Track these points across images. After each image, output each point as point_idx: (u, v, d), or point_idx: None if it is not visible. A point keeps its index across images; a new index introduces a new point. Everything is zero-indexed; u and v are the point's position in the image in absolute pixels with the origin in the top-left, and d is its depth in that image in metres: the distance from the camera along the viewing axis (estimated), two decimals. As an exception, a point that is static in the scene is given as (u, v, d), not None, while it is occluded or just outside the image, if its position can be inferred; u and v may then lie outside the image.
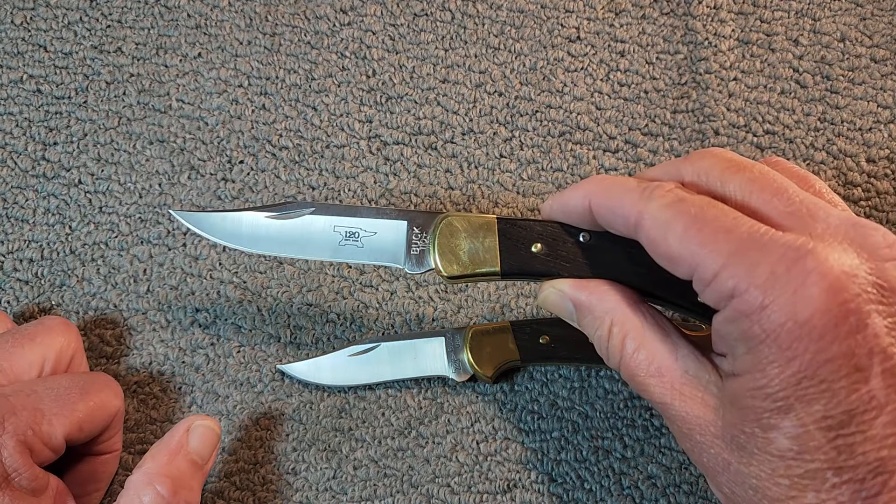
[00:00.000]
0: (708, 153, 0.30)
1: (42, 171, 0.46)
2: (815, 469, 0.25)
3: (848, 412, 0.24)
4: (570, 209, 0.32)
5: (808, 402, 0.25)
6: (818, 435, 0.25)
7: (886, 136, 0.45)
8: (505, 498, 0.39)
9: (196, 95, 0.47)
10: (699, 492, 0.39)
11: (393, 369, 0.40)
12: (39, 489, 0.32)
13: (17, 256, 0.44)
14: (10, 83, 0.48)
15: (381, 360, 0.40)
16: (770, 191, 0.28)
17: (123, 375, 0.42)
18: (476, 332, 0.40)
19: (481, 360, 0.40)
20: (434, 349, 0.40)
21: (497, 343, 0.40)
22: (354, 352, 0.41)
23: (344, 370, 0.41)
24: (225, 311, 0.43)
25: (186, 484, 0.33)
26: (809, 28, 0.48)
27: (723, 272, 0.26)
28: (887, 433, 0.24)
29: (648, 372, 0.30)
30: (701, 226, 0.27)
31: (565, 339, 0.40)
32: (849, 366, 0.24)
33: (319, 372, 0.41)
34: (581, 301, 0.32)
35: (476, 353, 0.40)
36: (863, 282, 0.25)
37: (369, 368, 0.40)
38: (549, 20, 0.49)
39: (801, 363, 0.25)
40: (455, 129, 0.46)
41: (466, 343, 0.40)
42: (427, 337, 0.41)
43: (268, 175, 0.45)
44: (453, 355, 0.40)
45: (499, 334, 0.40)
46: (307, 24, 0.49)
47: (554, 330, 0.40)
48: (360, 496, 0.39)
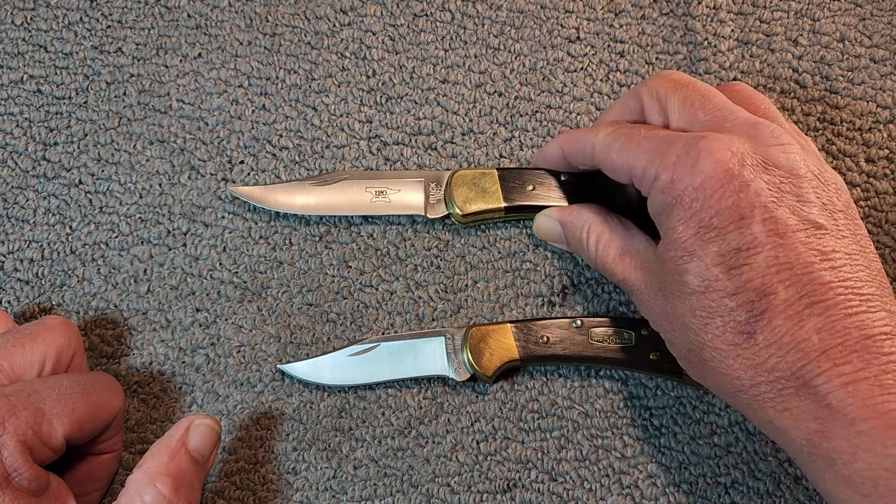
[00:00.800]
0: (659, 75, 0.38)
1: (42, 172, 0.46)
2: (717, 298, 0.32)
3: (736, 249, 0.32)
4: (549, 157, 0.42)
5: (706, 245, 0.32)
6: (716, 270, 0.32)
7: (886, 136, 0.45)
8: (505, 497, 0.39)
9: (196, 96, 0.47)
10: (699, 491, 0.39)
11: (393, 369, 0.40)
12: (40, 489, 0.32)
13: (18, 256, 0.44)
14: (11, 83, 0.48)
15: (381, 359, 0.41)
16: (697, 105, 0.35)
17: (124, 375, 0.42)
18: (476, 332, 0.40)
19: (481, 360, 0.40)
20: (434, 349, 0.40)
21: (497, 343, 0.40)
22: (354, 352, 0.41)
23: (344, 370, 0.41)
24: (225, 311, 0.43)
25: (187, 482, 0.33)
26: (809, 28, 0.48)
27: (648, 167, 0.34)
28: (769, 265, 0.31)
29: (614, 258, 0.38)
30: (630, 139, 0.36)
31: (565, 339, 0.40)
32: (734, 215, 0.32)
33: (319, 372, 0.41)
34: (565, 220, 0.41)
35: (476, 353, 0.40)
36: (748, 158, 0.32)
37: (369, 368, 0.40)
38: (549, 20, 0.49)
39: (699, 217, 0.32)
40: (455, 129, 0.46)
41: (466, 343, 0.40)
42: (427, 337, 0.41)
43: (268, 175, 0.46)
44: (453, 355, 0.40)
45: (499, 334, 0.40)
46: (307, 24, 0.49)
47: (554, 330, 0.40)
48: (361, 496, 0.39)
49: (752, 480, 0.39)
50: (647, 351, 0.40)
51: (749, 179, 0.32)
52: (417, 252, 0.44)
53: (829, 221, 0.32)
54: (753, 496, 0.39)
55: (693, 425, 0.40)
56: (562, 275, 0.43)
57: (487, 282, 0.43)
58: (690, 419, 0.40)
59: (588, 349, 0.40)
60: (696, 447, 0.40)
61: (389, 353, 0.41)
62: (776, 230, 0.31)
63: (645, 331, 0.40)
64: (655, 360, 0.39)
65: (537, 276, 0.43)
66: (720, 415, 0.40)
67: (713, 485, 0.39)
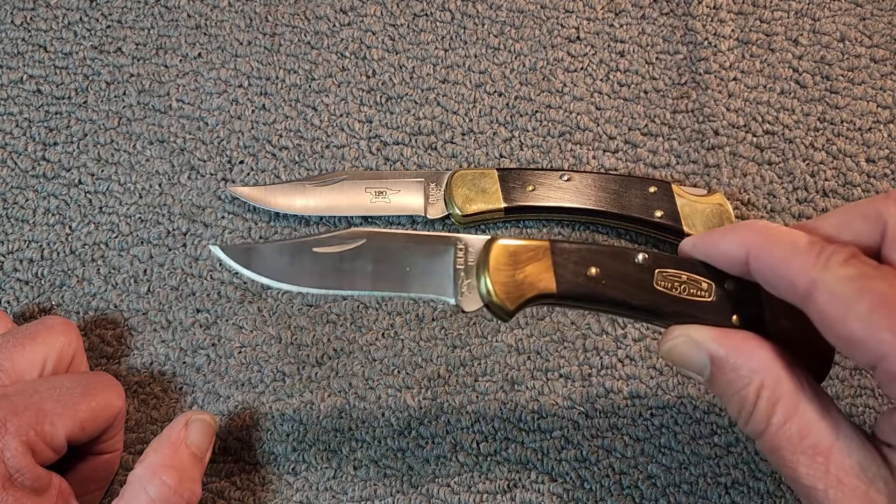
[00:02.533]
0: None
1: (42, 172, 0.46)
2: None
3: None
4: (720, 254, 0.29)
5: None
6: None
7: (886, 135, 0.45)
8: (505, 498, 0.39)
9: (196, 95, 0.47)
10: (699, 492, 0.39)
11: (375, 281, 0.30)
12: (42, 488, 0.32)
13: (18, 256, 0.44)
14: (11, 83, 0.48)
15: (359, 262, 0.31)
16: None
17: (124, 375, 0.42)
18: (500, 249, 0.30)
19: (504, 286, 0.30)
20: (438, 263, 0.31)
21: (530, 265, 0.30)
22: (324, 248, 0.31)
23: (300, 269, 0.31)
24: (226, 312, 0.43)
25: (189, 475, 0.34)
26: (809, 28, 0.48)
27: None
28: None
29: (800, 448, 0.26)
30: (892, 309, 0.23)
31: (621, 275, 0.30)
32: None
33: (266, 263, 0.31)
34: (720, 355, 0.28)
35: (497, 276, 0.30)
36: None
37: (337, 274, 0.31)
38: (549, 20, 0.49)
39: None
40: (455, 129, 0.46)
41: (486, 263, 0.30)
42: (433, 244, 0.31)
43: (268, 175, 0.46)
44: (464, 275, 0.30)
45: (531, 256, 0.30)
46: (307, 24, 0.49)
47: (605, 262, 0.30)
48: (361, 496, 0.39)
49: (752, 480, 0.39)
50: (729, 311, 0.30)
51: None
52: (417, 252, 0.44)
53: None
54: (754, 496, 0.39)
55: (693, 425, 0.40)
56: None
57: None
58: (691, 419, 0.40)
59: (647, 293, 0.30)
60: (696, 447, 0.40)
61: (376, 255, 0.31)
62: None
63: (729, 284, 0.30)
64: (734, 326, 0.30)
65: (537, 276, 0.43)
66: (720, 415, 0.41)
67: (713, 485, 0.39)
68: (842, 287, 0.24)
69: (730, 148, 0.45)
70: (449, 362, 0.42)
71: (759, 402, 0.27)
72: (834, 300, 0.24)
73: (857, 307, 0.24)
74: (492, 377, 0.41)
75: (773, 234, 0.27)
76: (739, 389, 0.27)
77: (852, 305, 0.24)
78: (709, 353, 0.28)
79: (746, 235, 0.28)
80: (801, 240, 0.26)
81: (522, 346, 0.42)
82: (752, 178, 0.45)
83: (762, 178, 0.45)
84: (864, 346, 0.24)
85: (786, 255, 0.26)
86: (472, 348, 0.42)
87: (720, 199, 0.42)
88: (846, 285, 0.24)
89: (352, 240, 0.31)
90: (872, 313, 0.24)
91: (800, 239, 0.26)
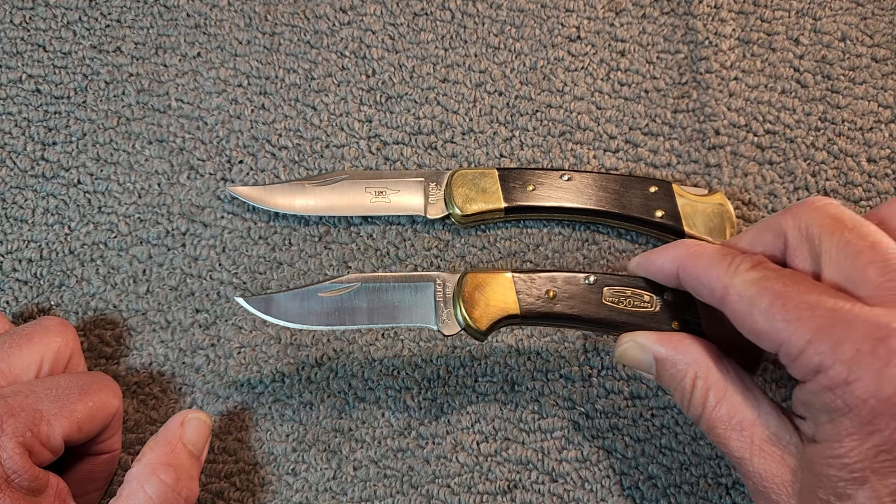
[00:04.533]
0: (811, 206, 0.30)
1: (41, 171, 0.46)
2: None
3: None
4: (657, 270, 0.34)
5: (883, 475, 0.26)
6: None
7: (887, 135, 0.45)
8: (505, 498, 0.39)
9: (195, 95, 0.47)
10: (699, 492, 0.39)
11: (371, 316, 0.36)
12: (39, 489, 0.32)
13: (16, 256, 0.44)
14: (9, 83, 0.48)
15: (356, 303, 0.36)
16: (866, 257, 0.28)
17: (123, 376, 0.42)
18: (472, 278, 0.36)
19: (475, 311, 0.35)
20: (421, 296, 0.36)
21: (495, 293, 0.35)
22: (327, 290, 0.37)
23: (309, 312, 0.37)
24: (225, 312, 0.43)
25: (187, 473, 0.34)
26: (810, 27, 0.48)
27: (808, 348, 0.27)
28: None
29: (729, 426, 0.31)
30: (785, 302, 0.28)
31: (573, 295, 0.36)
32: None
33: (281, 310, 0.37)
34: (662, 354, 0.33)
35: (470, 304, 0.35)
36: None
37: (341, 313, 0.36)
38: (550, 19, 0.49)
39: (881, 438, 0.25)
40: (455, 128, 0.46)
41: (460, 291, 0.36)
42: (414, 282, 0.37)
43: (267, 175, 0.45)
44: (442, 305, 0.36)
45: (498, 283, 0.36)
46: (307, 23, 0.49)
47: (561, 284, 0.36)
48: (360, 497, 0.39)
49: (753, 481, 0.39)
50: (670, 319, 0.35)
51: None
52: (417, 252, 0.44)
53: None
54: (754, 497, 0.39)
55: (694, 426, 0.40)
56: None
57: (488, 282, 0.43)
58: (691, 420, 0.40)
59: (599, 310, 0.35)
60: (697, 448, 0.40)
61: (369, 295, 0.36)
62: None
63: (669, 295, 0.35)
64: (675, 330, 0.35)
65: (538, 276, 0.43)
66: (721, 415, 0.40)
67: (714, 486, 0.39)
68: (747, 289, 0.29)
69: (731, 147, 0.45)
70: (449, 363, 0.41)
71: (695, 390, 0.32)
72: (742, 300, 0.30)
73: (759, 304, 0.29)
74: (492, 378, 0.41)
75: (696, 250, 0.33)
76: (679, 381, 0.32)
77: (755, 303, 0.29)
78: (653, 354, 0.33)
79: (676, 252, 0.33)
80: (718, 253, 0.32)
81: (522, 347, 0.42)
82: (753, 178, 0.45)
83: (763, 178, 0.45)
84: (767, 336, 0.29)
85: (706, 266, 0.32)
86: (471, 349, 0.42)
87: (721, 199, 0.42)
88: (750, 287, 0.29)
89: (348, 284, 0.36)
90: (770, 307, 0.28)
91: (717, 252, 0.32)
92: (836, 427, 0.27)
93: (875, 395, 0.26)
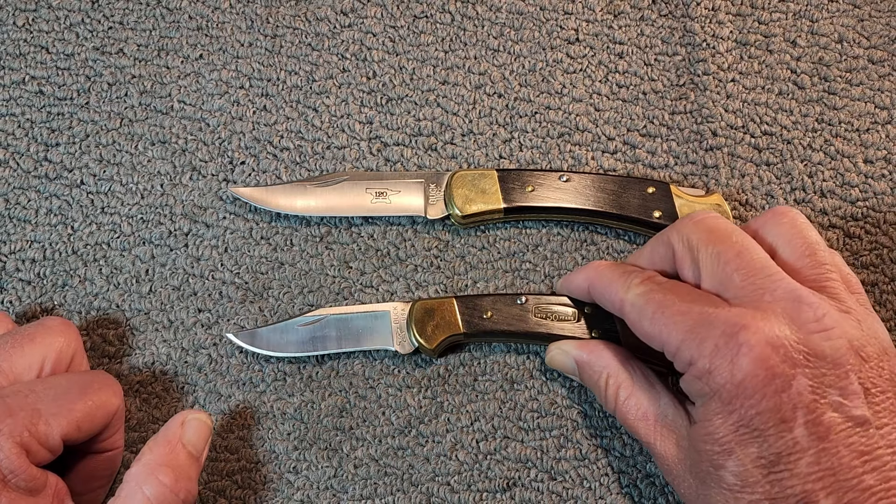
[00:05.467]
0: (691, 220, 0.35)
1: (44, 172, 0.46)
2: (755, 500, 0.31)
3: (777, 454, 0.30)
4: (574, 289, 0.40)
5: (745, 446, 0.31)
6: (755, 472, 0.31)
7: (884, 136, 0.46)
8: (505, 496, 0.40)
9: (198, 97, 0.48)
10: (697, 490, 0.39)
11: (340, 342, 0.41)
12: (37, 489, 0.32)
13: (20, 257, 0.44)
14: (13, 84, 0.48)
15: (328, 331, 0.41)
16: (732, 265, 0.33)
17: (126, 375, 0.42)
18: (420, 306, 0.41)
19: (425, 333, 0.40)
20: (380, 323, 0.41)
21: (441, 317, 0.40)
22: (304, 322, 0.42)
23: (294, 341, 0.41)
24: (227, 312, 0.43)
25: (185, 474, 0.33)
26: (807, 29, 0.48)
27: (682, 346, 0.32)
28: (810, 471, 0.30)
29: (636, 416, 0.36)
30: (665, 309, 0.33)
31: (507, 315, 0.40)
32: (776, 418, 0.30)
33: (270, 343, 0.41)
34: (581, 358, 0.38)
35: (420, 327, 0.40)
36: (790, 350, 0.30)
37: (315, 340, 0.41)
38: (548, 22, 0.49)
39: (739, 415, 0.31)
40: (455, 130, 0.46)
41: (412, 317, 0.41)
42: (373, 311, 0.42)
43: (269, 176, 0.46)
44: (398, 329, 0.41)
45: (443, 309, 0.41)
46: (308, 25, 0.49)
47: (497, 306, 0.41)
48: (361, 494, 0.40)
49: (750, 479, 0.40)
50: (590, 329, 0.40)
51: (790, 377, 0.30)
52: (417, 253, 0.44)
53: (871, 411, 0.30)
54: (751, 495, 0.39)
55: (691, 425, 0.40)
56: (561, 276, 0.43)
57: (487, 282, 0.43)
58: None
59: (528, 325, 0.40)
60: (694, 446, 0.40)
61: (337, 325, 0.41)
62: (818, 433, 0.30)
63: (588, 309, 0.40)
64: (595, 338, 0.40)
65: (537, 276, 0.44)
66: (718, 414, 0.41)
67: (711, 484, 0.40)
68: (637, 300, 0.35)
69: (728, 149, 0.45)
70: (448, 361, 0.42)
71: (608, 388, 0.37)
72: (633, 310, 0.35)
73: (646, 312, 0.34)
74: (491, 376, 0.42)
75: (601, 270, 0.38)
76: (596, 380, 0.38)
77: (643, 312, 0.34)
78: (574, 359, 0.39)
79: (587, 273, 0.38)
80: (616, 271, 0.37)
81: (521, 346, 0.42)
82: (751, 179, 0.45)
83: (760, 179, 0.45)
84: (654, 338, 0.34)
85: (607, 283, 0.37)
86: (471, 348, 0.42)
87: (718, 200, 0.43)
88: (639, 299, 0.35)
89: (319, 317, 0.41)
90: (654, 315, 0.34)
91: (616, 271, 0.37)
92: (706, 409, 0.32)
93: (730, 381, 0.31)
